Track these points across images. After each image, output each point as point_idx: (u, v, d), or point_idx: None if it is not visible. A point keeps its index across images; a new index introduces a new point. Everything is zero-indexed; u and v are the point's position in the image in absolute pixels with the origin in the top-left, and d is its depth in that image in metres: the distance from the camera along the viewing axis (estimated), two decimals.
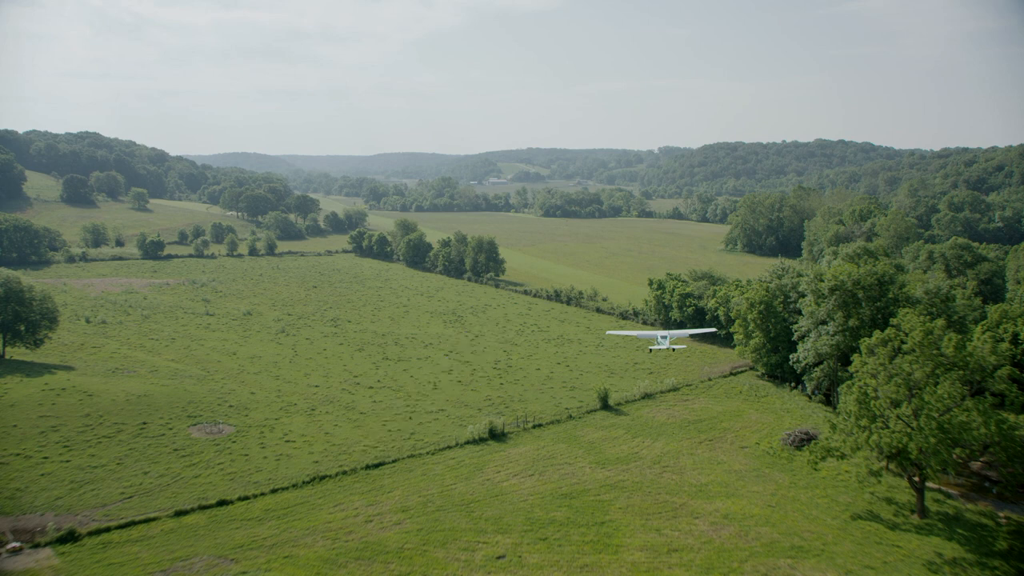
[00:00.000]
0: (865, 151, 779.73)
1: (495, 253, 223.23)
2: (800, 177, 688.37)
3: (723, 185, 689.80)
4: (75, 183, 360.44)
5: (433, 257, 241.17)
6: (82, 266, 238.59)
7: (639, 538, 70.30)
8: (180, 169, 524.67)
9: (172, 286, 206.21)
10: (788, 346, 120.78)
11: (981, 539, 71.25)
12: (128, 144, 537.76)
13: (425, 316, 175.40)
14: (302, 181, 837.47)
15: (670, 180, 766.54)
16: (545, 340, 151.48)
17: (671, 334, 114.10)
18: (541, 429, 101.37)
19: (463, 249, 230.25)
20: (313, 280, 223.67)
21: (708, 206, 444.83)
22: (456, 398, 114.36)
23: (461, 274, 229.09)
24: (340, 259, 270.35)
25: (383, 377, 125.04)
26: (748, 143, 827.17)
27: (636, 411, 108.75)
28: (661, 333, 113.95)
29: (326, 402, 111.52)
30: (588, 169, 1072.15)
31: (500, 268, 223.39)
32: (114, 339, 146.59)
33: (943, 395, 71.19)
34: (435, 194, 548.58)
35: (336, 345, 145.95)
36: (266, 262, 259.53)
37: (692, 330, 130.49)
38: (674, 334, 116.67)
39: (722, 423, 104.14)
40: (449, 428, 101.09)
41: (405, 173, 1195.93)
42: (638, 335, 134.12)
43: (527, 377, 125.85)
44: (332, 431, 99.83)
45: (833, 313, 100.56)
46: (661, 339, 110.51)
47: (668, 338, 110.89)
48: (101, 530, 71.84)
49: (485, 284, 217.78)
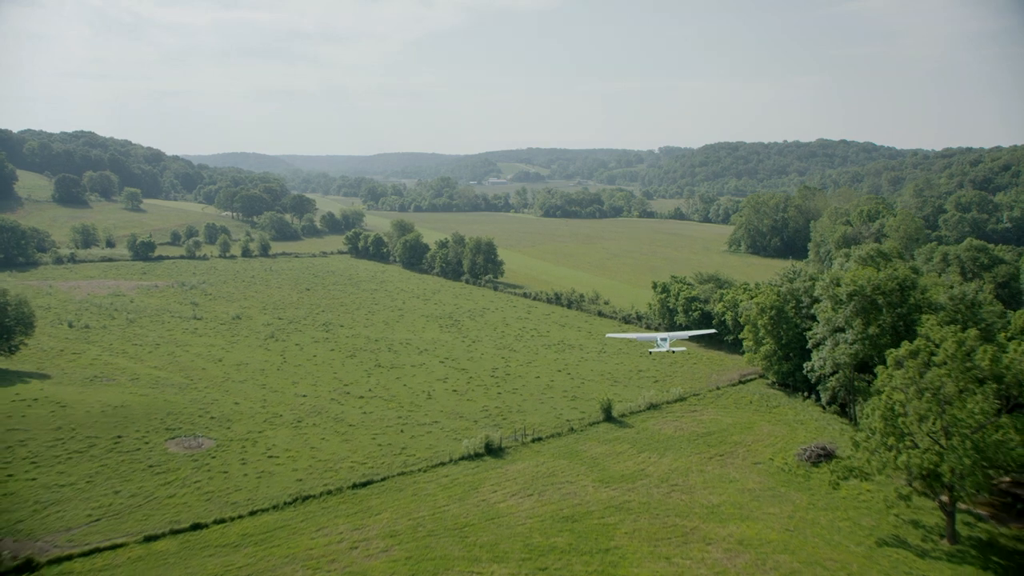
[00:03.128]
0: (867, 151, 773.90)
1: (493, 254, 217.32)
2: (802, 177, 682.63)
3: (724, 185, 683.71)
4: (67, 183, 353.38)
5: (430, 258, 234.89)
6: (70, 268, 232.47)
7: (647, 567, 64.52)
8: (176, 169, 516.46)
9: (161, 288, 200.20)
10: (800, 353, 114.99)
11: (1020, 569, 65.44)
12: (124, 144, 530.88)
13: (420, 320, 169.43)
14: (300, 181, 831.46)
15: (671, 180, 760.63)
16: (545, 346, 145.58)
17: (671, 336, 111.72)
18: (541, 443, 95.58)
19: (461, 250, 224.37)
20: (306, 282, 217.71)
21: (710, 206, 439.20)
22: (451, 409, 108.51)
23: (459, 276, 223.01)
24: (335, 260, 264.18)
25: (375, 386, 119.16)
26: (749, 143, 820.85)
27: (641, 423, 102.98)
28: (661, 335, 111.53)
29: (313, 413, 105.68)
30: (588, 169, 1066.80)
31: (499, 270, 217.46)
32: (96, 344, 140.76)
33: (975, 411, 65.38)
34: (434, 194, 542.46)
35: (327, 351, 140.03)
36: (259, 263, 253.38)
37: (691, 331, 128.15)
38: (673, 336, 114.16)
39: (732, 436, 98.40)
40: (443, 442, 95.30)
41: (404, 173, 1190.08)
42: (637, 337, 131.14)
43: (526, 386, 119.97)
44: (318, 445, 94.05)
45: (851, 320, 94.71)
46: (661, 341, 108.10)
47: (668, 340, 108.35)
48: (62, 558, 66.14)
49: (483, 286, 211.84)
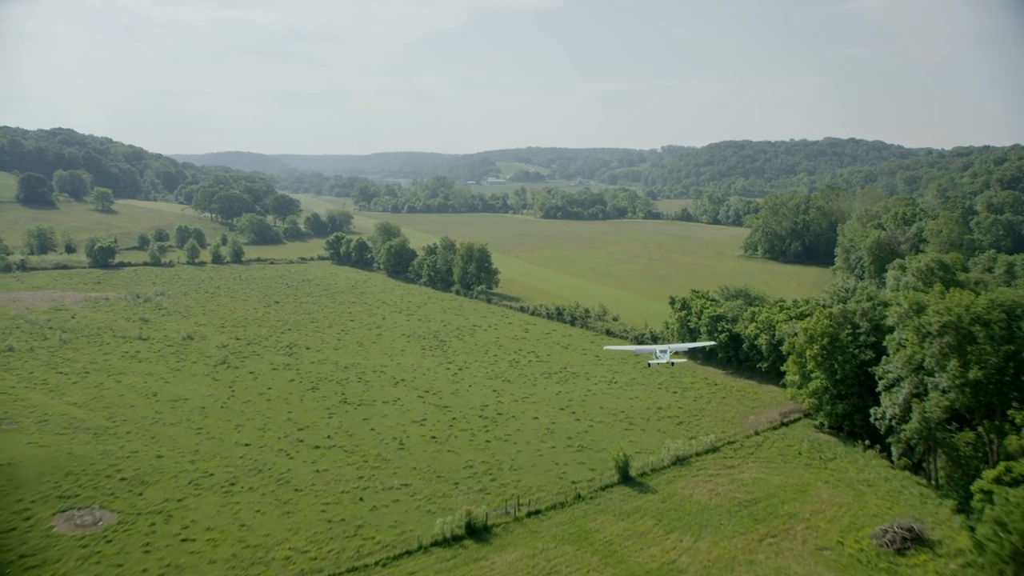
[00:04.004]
0: (877, 149, 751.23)
1: (487, 262, 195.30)
2: (812, 176, 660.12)
3: (731, 185, 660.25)
4: (32, 182, 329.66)
5: (417, 266, 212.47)
6: (19, 276, 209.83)
7: None
8: (158, 167, 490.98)
9: (111, 301, 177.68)
10: (859, 391, 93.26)
11: None
12: (103, 141, 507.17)
13: (401, 340, 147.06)
14: (293, 181, 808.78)
15: (675, 180, 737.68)
16: (545, 374, 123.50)
17: (670, 348, 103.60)
18: (539, 519, 73.69)
19: (451, 257, 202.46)
20: (277, 293, 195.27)
21: (719, 207, 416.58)
22: (427, 464, 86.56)
23: (448, 286, 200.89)
24: (314, 268, 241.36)
25: (336, 431, 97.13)
26: (756, 141, 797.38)
27: (667, 485, 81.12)
28: (660, 347, 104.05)
29: (253, 471, 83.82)
30: (589, 168, 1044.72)
31: (493, 279, 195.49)
32: (14, 373, 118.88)
33: None
34: (429, 194, 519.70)
35: (285, 382, 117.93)
36: (229, 271, 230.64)
37: (692, 344, 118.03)
38: (673, 347, 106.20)
39: (784, 505, 76.53)
40: (412, 517, 73.48)
41: (402, 173, 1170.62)
42: (636, 350, 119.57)
43: (521, 430, 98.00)
44: (251, 522, 72.24)
45: (943, 360, 72.63)
46: (660, 353, 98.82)
47: (668, 352, 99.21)
48: None
49: (476, 298, 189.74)
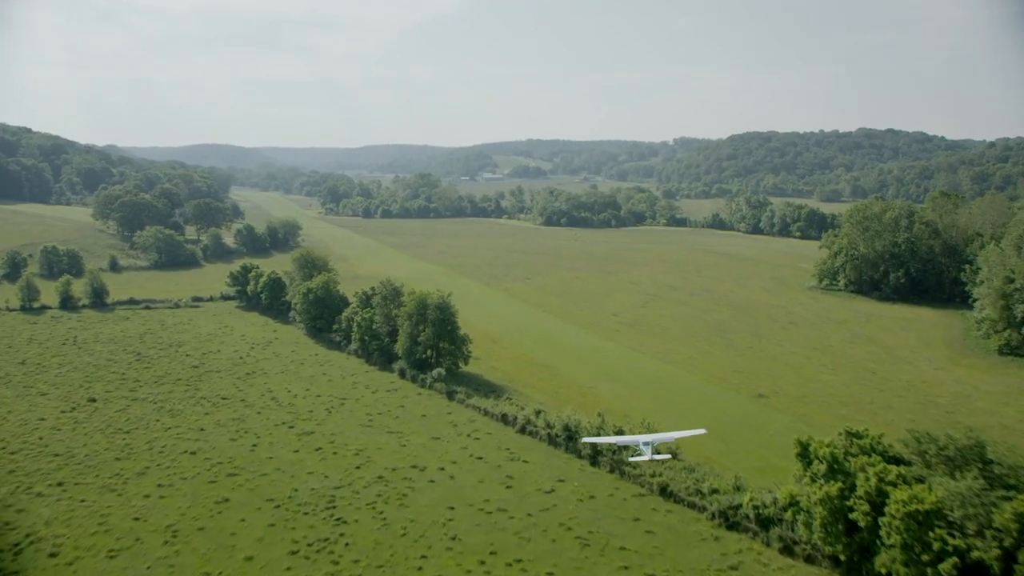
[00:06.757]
0: (919, 141, 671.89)
1: (452, 327, 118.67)
2: (851, 173, 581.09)
3: (760, 182, 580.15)
4: None
5: (345, 323, 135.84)
6: None
7: None
8: (80, 163, 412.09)
9: None
10: None
11: None
12: (15, 132, 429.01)
13: (251, 525, 69.76)
14: (265, 177, 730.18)
15: (694, 176, 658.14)
16: None
17: (654, 439, 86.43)
18: None
19: (393, 312, 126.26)
20: (110, 376, 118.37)
21: (760, 213, 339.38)
22: None
23: (390, 361, 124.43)
24: (206, 316, 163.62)
25: None
26: (782, 133, 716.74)
27: None
28: (643, 439, 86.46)
29: None
30: (596, 163, 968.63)
31: (461, 353, 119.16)
32: None
33: None
34: (409, 195, 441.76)
35: None
36: (71, 325, 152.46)
37: (678, 433, 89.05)
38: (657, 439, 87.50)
39: None
40: None
41: (391, 167, 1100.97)
42: (616, 441, 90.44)
43: None
44: None
45: None
46: (643, 446, 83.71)
47: (651, 445, 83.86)
48: None
49: (431, 388, 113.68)
